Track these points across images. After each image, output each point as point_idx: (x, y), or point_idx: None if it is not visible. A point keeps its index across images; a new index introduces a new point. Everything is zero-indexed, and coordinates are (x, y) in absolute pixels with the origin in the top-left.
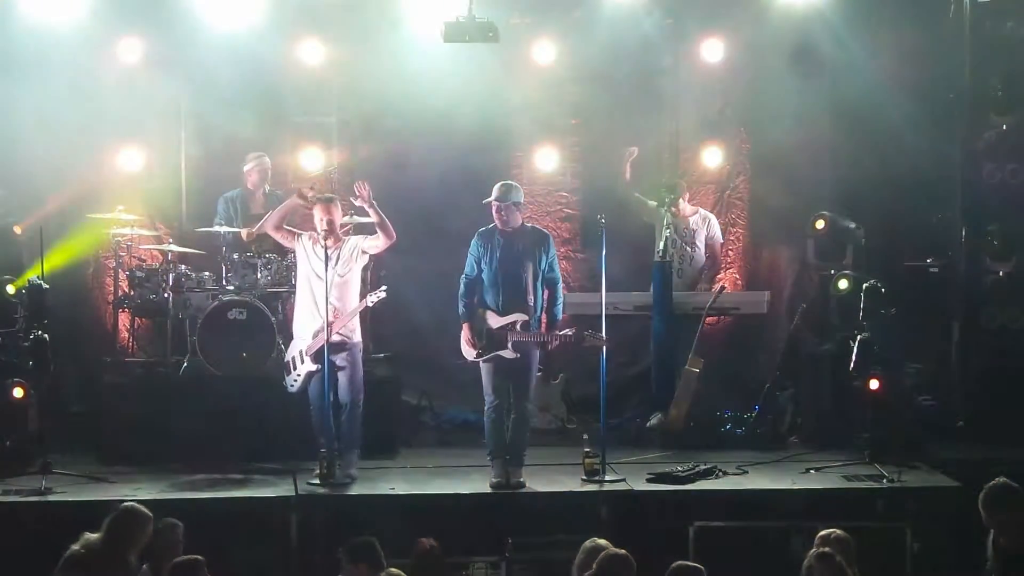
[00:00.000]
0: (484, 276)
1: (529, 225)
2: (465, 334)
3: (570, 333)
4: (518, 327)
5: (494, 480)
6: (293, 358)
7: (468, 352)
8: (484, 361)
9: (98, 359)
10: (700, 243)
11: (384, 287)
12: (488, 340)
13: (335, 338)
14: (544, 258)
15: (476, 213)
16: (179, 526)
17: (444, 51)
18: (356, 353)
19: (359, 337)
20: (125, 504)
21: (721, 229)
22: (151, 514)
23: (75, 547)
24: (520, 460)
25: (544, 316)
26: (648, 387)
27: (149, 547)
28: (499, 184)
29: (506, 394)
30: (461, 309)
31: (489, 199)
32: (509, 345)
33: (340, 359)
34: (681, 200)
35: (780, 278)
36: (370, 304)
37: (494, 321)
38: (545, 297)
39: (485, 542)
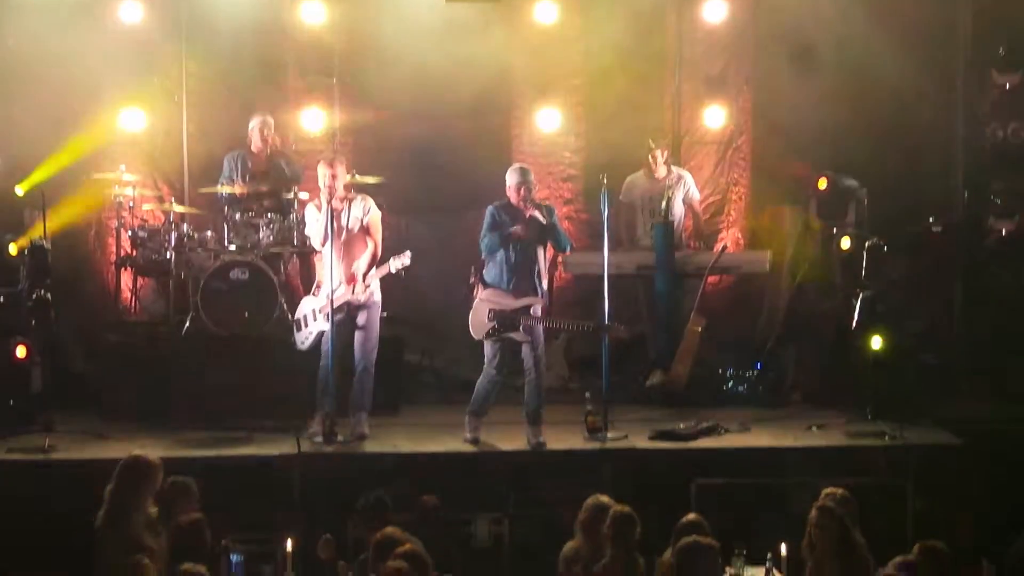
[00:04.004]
0: (495, 255)
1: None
2: (477, 313)
3: (591, 324)
4: (531, 311)
5: (468, 436)
6: (305, 316)
7: (478, 331)
8: (493, 341)
9: (100, 319)
10: (677, 203)
11: (408, 252)
12: (500, 321)
13: (358, 298)
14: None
15: (477, 174)
16: (192, 484)
17: (446, 11)
18: (375, 313)
19: (379, 296)
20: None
21: (723, 188)
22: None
23: None
24: (539, 420)
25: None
26: (651, 346)
27: (163, 505)
28: (520, 168)
29: (507, 369)
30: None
31: (517, 183)
32: (521, 328)
33: (360, 318)
34: (655, 160)
35: (783, 237)
36: (393, 271)
37: (508, 303)
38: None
39: (488, 499)
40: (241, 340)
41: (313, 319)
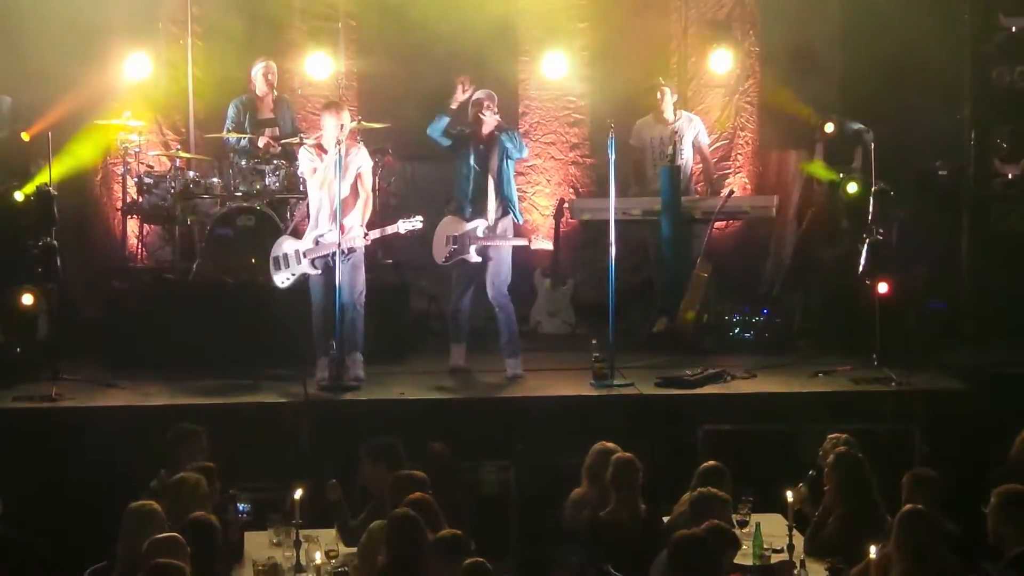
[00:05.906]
0: (457, 179)
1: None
2: (437, 237)
3: (526, 240)
4: (478, 232)
5: (450, 363)
6: (286, 255)
7: (438, 255)
8: (452, 264)
9: (107, 266)
10: (687, 147)
11: (419, 216)
12: (456, 245)
13: (345, 244)
14: (513, 147)
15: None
16: (201, 432)
17: None
18: (359, 257)
19: (362, 244)
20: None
21: (730, 133)
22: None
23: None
24: (515, 351)
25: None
26: (657, 292)
27: (171, 453)
28: (483, 90)
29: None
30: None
31: (479, 96)
32: (472, 251)
33: (343, 264)
34: (663, 97)
35: (789, 182)
36: (401, 231)
37: (459, 227)
38: None
39: (495, 446)
40: (248, 286)
41: (297, 261)
